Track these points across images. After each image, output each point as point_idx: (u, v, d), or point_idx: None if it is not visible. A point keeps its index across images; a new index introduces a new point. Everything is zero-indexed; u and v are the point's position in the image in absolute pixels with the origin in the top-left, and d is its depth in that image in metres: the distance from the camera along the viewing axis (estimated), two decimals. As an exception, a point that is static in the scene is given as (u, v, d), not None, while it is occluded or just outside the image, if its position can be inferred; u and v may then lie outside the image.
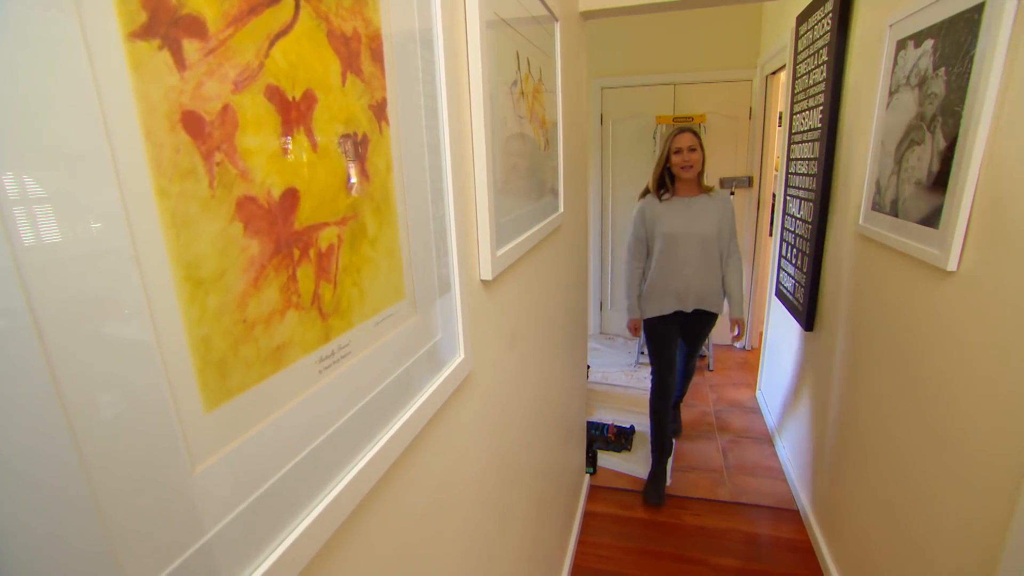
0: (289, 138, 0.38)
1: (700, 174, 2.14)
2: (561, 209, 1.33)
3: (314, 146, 0.41)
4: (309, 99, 0.40)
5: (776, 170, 3.11)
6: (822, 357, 2.00)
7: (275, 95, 0.36)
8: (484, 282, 0.78)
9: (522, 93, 0.95)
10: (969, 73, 1.10)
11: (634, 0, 1.77)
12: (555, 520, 1.58)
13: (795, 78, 2.40)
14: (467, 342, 0.69)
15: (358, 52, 0.46)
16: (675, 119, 3.38)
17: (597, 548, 2.02)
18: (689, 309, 2.21)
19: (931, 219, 1.23)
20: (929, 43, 1.28)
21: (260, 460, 0.37)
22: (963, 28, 1.14)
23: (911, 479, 1.31)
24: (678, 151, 2.07)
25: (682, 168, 2.07)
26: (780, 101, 3.09)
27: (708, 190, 2.17)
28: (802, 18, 2.31)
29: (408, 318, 0.56)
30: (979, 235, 1.08)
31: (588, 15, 1.76)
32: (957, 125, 1.14)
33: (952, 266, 1.14)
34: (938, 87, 1.23)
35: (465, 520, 0.77)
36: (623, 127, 3.56)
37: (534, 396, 1.17)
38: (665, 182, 2.15)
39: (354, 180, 0.47)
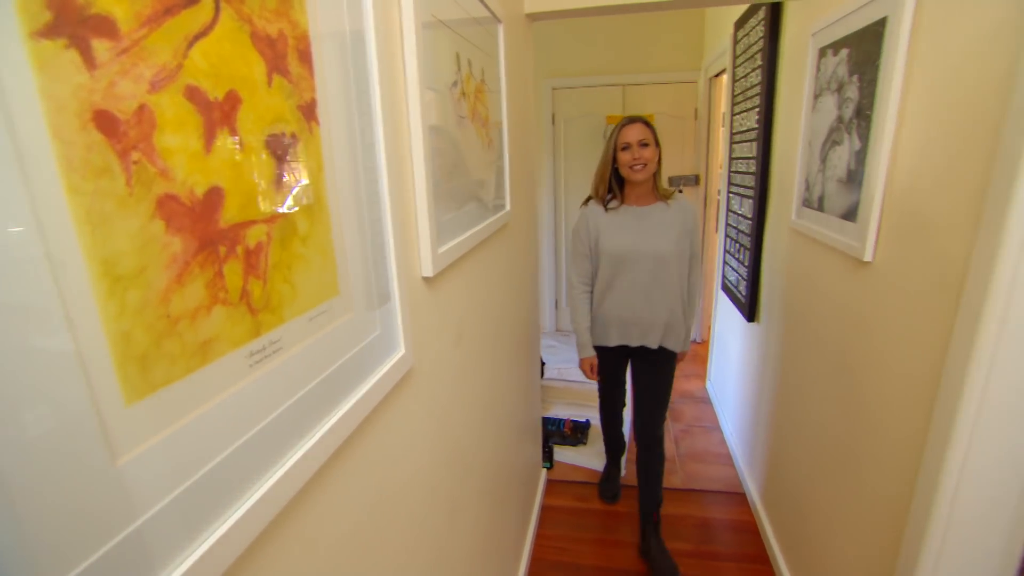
0: (212, 138, 0.39)
1: (656, 175, 1.76)
2: (508, 207, 1.35)
3: (240, 146, 0.42)
4: (233, 100, 0.41)
5: (721, 168, 3.25)
6: (763, 347, 2.10)
7: (196, 95, 0.37)
8: (426, 279, 0.80)
9: (463, 93, 0.97)
10: (876, 80, 1.19)
11: (579, 3, 1.81)
12: (511, 515, 1.60)
13: (734, 81, 2.52)
14: (408, 338, 0.70)
15: (284, 54, 0.47)
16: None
17: (555, 541, 2.06)
18: (636, 344, 1.81)
19: (850, 214, 1.33)
20: (845, 52, 1.38)
21: (190, 451, 0.37)
22: (871, 39, 1.23)
23: (836, 455, 1.41)
24: (626, 147, 1.67)
25: (632, 168, 1.67)
26: (723, 102, 3.23)
27: (667, 196, 1.76)
28: (739, 24, 2.43)
29: (344, 314, 0.57)
30: (889, 228, 1.17)
31: (534, 17, 1.79)
32: (869, 127, 1.23)
33: (868, 257, 1.23)
34: (853, 92, 1.33)
35: (412, 514, 0.78)
36: (575, 127, 3.63)
37: (483, 392, 1.19)
38: (612, 187, 1.76)
39: (284, 179, 0.48)
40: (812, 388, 1.59)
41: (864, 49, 1.27)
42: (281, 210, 0.47)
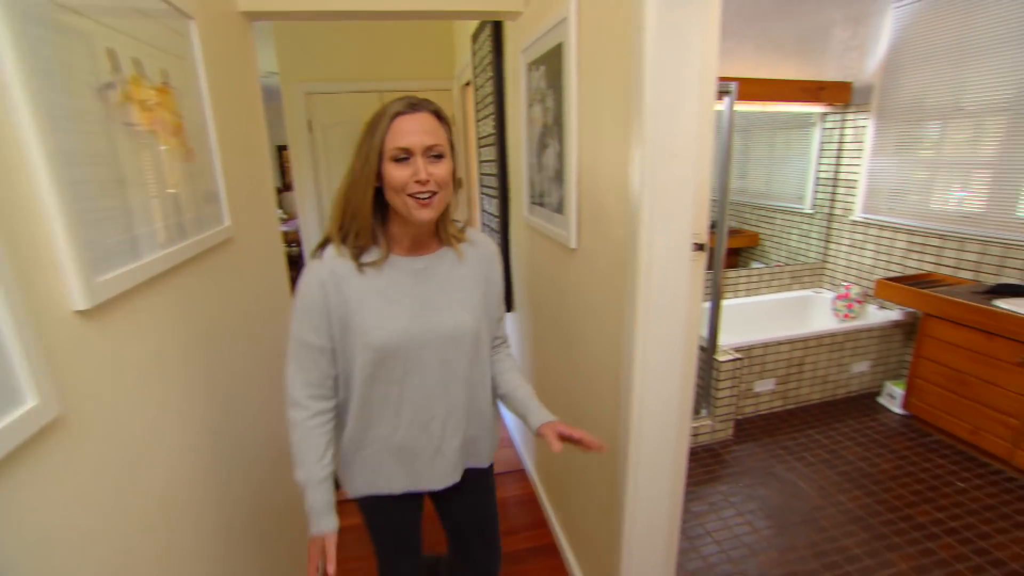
0: None
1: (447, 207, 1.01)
2: (227, 222, 1.24)
3: None
4: None
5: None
6: (520, 333, 2.32)
7: None
8: (81, 313, 0.68)
9: (127, 98, 0.84)
10: (562, 92, 1.40)
11: (303, 6, 1.74)
12: (282, 552, 1.49)
13: (475, 89, 2.72)
14: (44, 386, 0.58)
15: None
16: (384, 126, 3.47)
17: (347, 562, 1.97)
18: (438, 487, 1.11)
19: (560, 207, 1.54)
20: (543, 68, 1.59)
21: None
22: (556, 59, 1.44)
23: (572, 417, 1.63)
24: (404, 157, 0.91)
25: (417, 199, 0.92)
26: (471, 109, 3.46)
27: (458, 237, 1.06)
28: (475, 38, 2.62)
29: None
30: (586, 219, 1.39)
31: (253, 16, 1.67)
32: (563, 133, 1.44)
33: (574, 244, 1.44)
34: (551, 102, 1.54)
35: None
36: (334, 134, 3.52)
37: (213, 426, 1.07)
38: (372, 229, 0.97)
39: None
40: (553, 363, 1.81)
41: (554, 67, 1.48)
42: None
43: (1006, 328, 2.27)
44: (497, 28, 2.16)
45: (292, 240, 5.60)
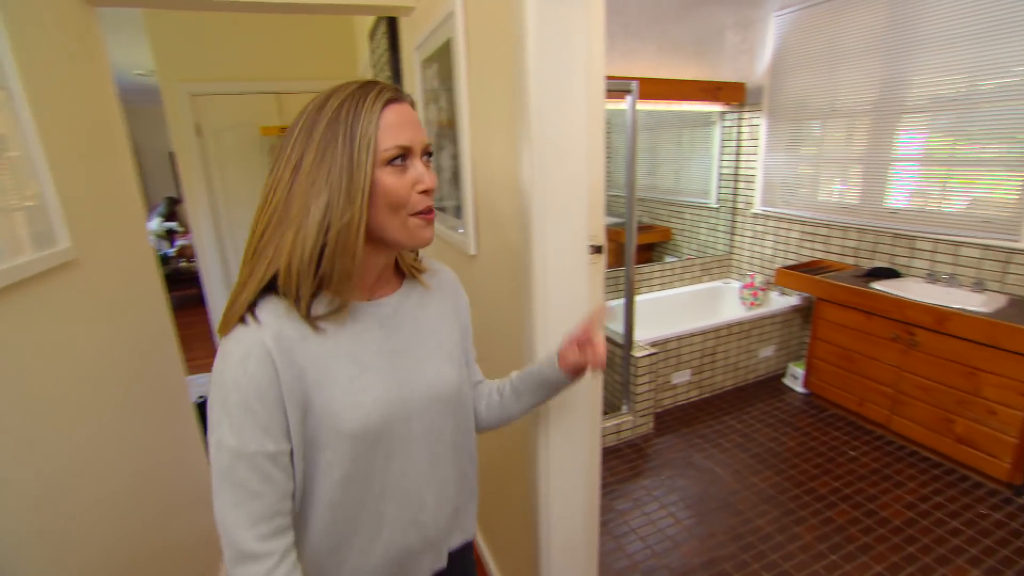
0: None
1: None
2: (65, 243, 1.06)
3: None
4: None
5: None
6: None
7: None
8: None
9: None
10: (454, 91, 1.33)
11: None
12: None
13: (377, 91, 2.59)
14: None
15: None
16: (282, 129, 3.26)
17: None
18: (430, 572, 0.84)
19: (459, 212, 1.47)
20: (435, 66, 1.51)
21: None
22: (446, 56, 1.37)
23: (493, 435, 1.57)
24: (401, 156, 0.64)
25: (422, 217, 0.68)
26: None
27: (417, 267, 0.82)
28: (371, 35, 2.50)
29: None
30: (484, 225, 1.32)
31: (96, 1, 1.46)
32: (457, 133, 1.37)
33: (473, 251, 1.38)
34: (445, 101, 1.47)
35: None
36: (228, 138, 3.24)
37: (71, 477, 0.90)
38: (329, 267, 0.64)
39: None
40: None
41: (445, 65, 1.41)
42: None
43: (880, 307, 2.47)
44: (392, 25, 2.06)
45: (189, 255, 5.17)
